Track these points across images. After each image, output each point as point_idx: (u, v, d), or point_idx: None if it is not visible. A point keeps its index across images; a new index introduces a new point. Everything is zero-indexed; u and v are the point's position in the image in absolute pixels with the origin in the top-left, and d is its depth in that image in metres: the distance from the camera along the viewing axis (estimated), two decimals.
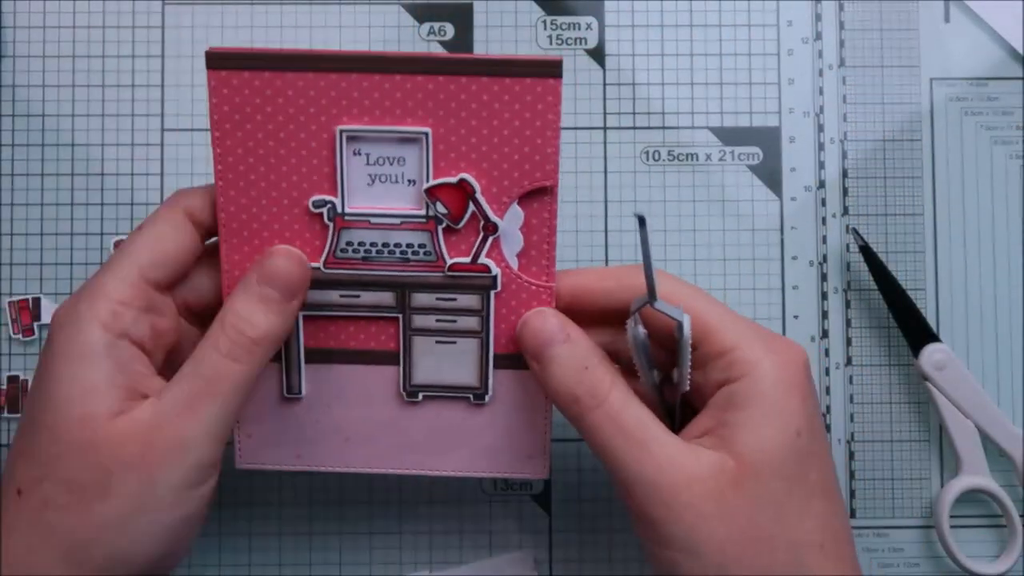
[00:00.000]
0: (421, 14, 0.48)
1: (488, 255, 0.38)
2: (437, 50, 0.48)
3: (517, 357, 0.39)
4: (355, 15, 0.48)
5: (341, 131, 0.37)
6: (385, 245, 0.38)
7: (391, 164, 0.37)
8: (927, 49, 0.48)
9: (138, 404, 0.34)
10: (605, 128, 0.48)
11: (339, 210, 0.37)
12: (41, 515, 0.33)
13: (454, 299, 0.38)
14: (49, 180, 0.47)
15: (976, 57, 0.48)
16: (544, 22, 0.48)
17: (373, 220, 0.38)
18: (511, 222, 0.38)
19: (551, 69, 0.36)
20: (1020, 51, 0.48)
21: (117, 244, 0.47)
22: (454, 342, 0.39)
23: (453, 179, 0.37)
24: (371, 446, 0.40)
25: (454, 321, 0.39)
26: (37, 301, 0.46)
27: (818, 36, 0.48)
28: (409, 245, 0.38)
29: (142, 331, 0.36)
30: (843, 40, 0.48)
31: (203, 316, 0.38)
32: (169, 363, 0.37)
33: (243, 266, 0.38)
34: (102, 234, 0.47)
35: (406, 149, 0.37)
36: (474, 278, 0.38)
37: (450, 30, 0.48)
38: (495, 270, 0.38)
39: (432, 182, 0.37)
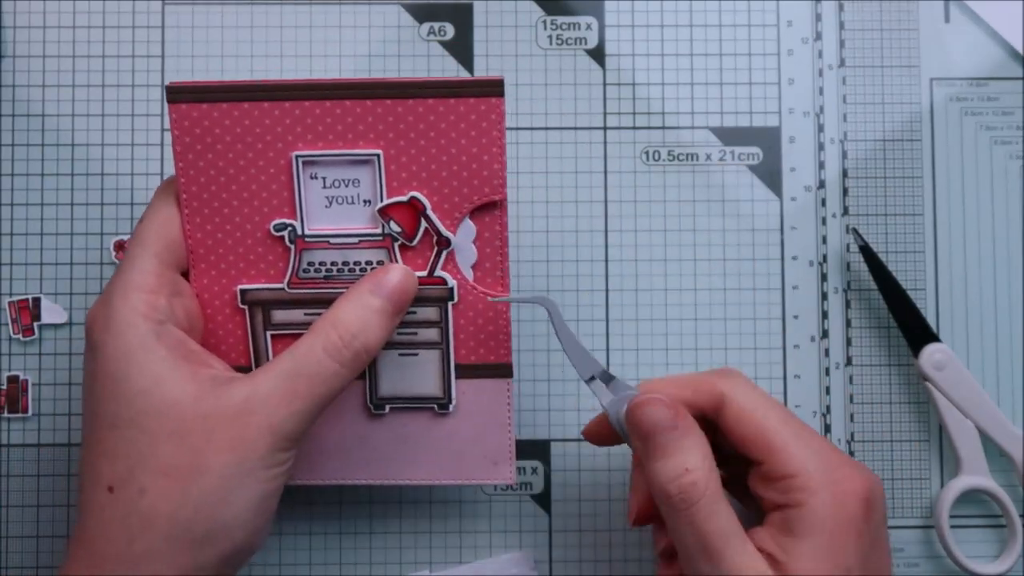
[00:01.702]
0: (421, 14, 0.48)
1: (444, 268, 0.40)
2: (437, 50, 0.48)
3: (477, 367, 0.41)
4: (355, 15, 0.48)
5: (297, 157, 0.38)
6: (345, 264, 0.39)
7: (346, 186, 0.39)
8: (927, 49, 0.48)
9: (219, 380, 0.36)
10: (605, 128, 0.48)
11: (299, 232, 0.39)
12: (139, 504, 0.35)
13: (414, 312, 0.40)
14: (49, 180, 0.47)
15: (976, 57, 0.48)
16: (544, 22, 0.48)
17: (332, 240, 0.39)
18: (464, 236, 0.39)
19: (493, 88, 0.38)
20: (1020, 51, 0.48)
21: (117, 244, 0.47)
22: (416, 354, 0.41)
23: (404, 198, 0.39)
24: (342, 458, 0.42)
25: (415, 334, 0.40)
26: (37, 301, 0.46)
27: (818, 36, 0.48)
28: (368, 262, 0.39)
29: (178, 314, 0.38)
30: (843, 40, 0.48)
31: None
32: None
33: (212, 290, 0.40)
34: (102, 234, 0.47)
35: (360, 171, 0.39)
36: (432, 291, 0.40)
37: (450, 30, 0.48)
38: (451, 282, 0.40)
39: (384, 202, 0.39)
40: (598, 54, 0.48)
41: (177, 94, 0.38)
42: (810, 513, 0.35)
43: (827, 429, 0.47)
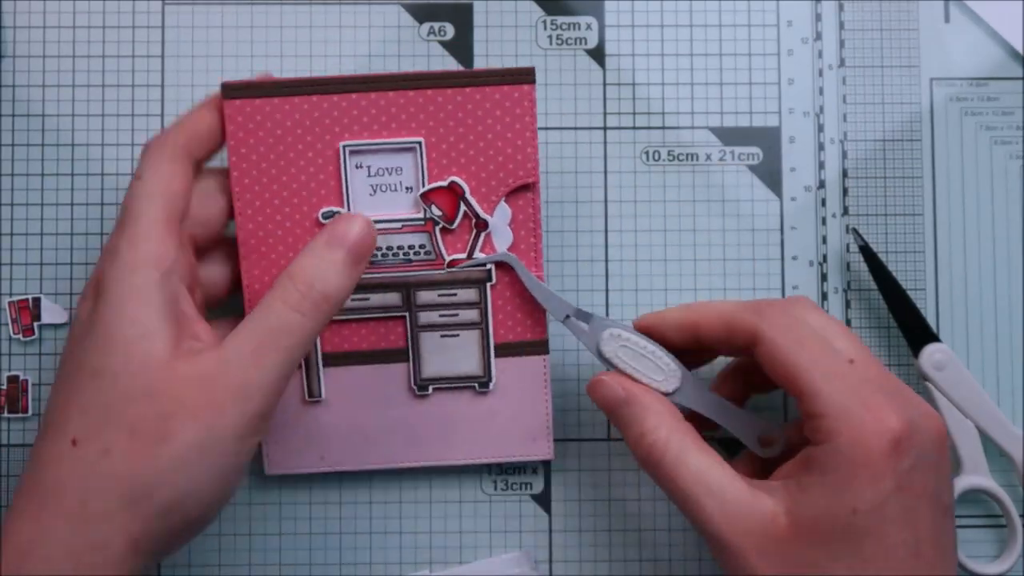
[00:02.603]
0: (421, 14, 0.48)
1: (482, 250, 0.42)
2: (437, 50, 0.48)
3: (515, 345, 0.43)
4: (355, 15, 0.48)
5: (344, 146, 0.41)
6: (389, 248, 0.41)
7: (390, 174, 0.41)
8: (927, 49, 0.48)
9: (196, 350, 0.36)
10: (605, 128, 0.48)
11: None
12: (101, 463, 0.34)
13: (454, 294, 0.42)
14: (49, 180, 0.47)
15: (976, 57, 0.48)
16: (544, 22, 0.48)
17: (376, 227, 0.41)
18: (500, 218, 0.42)
19: (525, 76, 0.41)
20: (1020, 51, 0.48)
21: None
22: (457, 335, 0.42)
23: (444, 183, 0.41)
24: (387, 442, 0.43)
25: (456, 315, 0.42)
26: (37, 301, 0.46)
27: (818, 36, 0.48)
28: (411, 247, 0.41)
29: (183, 268, 0.38)
30: (843, 40, 0.48)
31: (204, 250, 0.41)
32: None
33: (263, 280, 0.41)
34: (102, 234, 0.47)
35: (402, 159, 0.41)
36: (471, 271, 0.42)
37: (450, 30, 0.48)
38: (489, 264, 0.42)
39: (426, 187, 0.41)
40: (598, 54, 0.48)
41: (233, 91, 0.40)
42: (826, 451, 0.35)
43: None
